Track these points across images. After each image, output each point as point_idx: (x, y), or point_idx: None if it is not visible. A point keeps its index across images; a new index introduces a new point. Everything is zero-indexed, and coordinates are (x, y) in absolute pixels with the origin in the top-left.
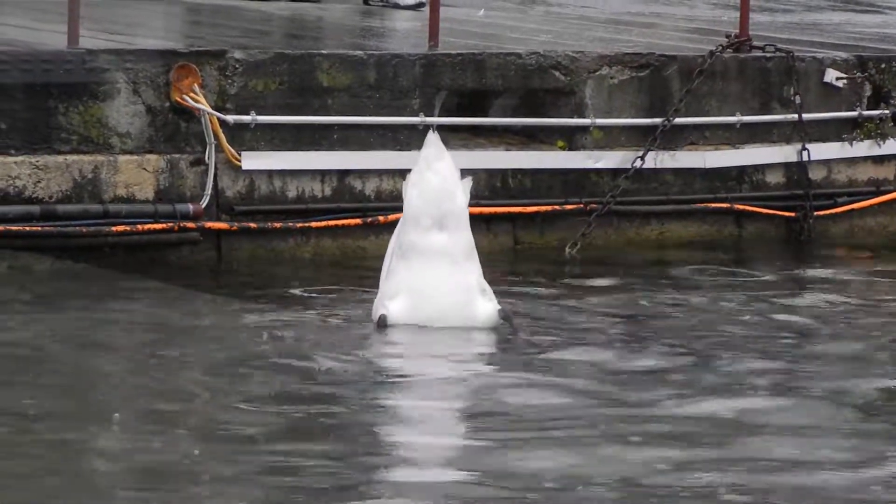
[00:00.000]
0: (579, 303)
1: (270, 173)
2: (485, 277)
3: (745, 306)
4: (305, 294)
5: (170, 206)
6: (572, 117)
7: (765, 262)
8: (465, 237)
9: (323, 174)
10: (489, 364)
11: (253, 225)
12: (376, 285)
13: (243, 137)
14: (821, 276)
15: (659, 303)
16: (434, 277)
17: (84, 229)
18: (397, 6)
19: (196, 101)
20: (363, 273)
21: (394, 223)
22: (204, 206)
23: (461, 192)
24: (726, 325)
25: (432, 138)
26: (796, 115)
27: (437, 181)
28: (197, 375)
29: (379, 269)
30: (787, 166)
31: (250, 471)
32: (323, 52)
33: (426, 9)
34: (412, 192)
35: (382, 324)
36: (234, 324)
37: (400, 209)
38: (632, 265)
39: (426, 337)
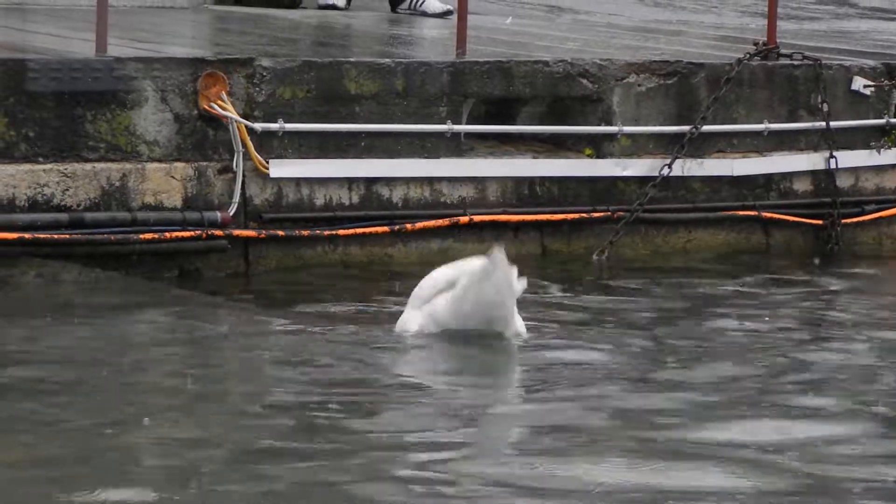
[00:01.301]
0: (605, 310)
1: (298, 181)
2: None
3: (773, 317)
4: (332, 302)
5: (198, 213)
6: (600, 125)
7: (792, 270)
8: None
9: (350, 182)
10: (513, 375)
11: (281, 233)
12: (403, 293)
13: (271, 145)
14: (849, 286)
15: (685, 312)
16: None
17: (112, 237)
18: (425, 14)
19: (224, 109)
20: (390, 281)
21: (421, 231)
22: (232, 213)
23: (512, 299)
24: (753, 335)
25: (499, 259)
26: (824, 123)
27: (492, 294)
28: (224, 383)
29: (406, 277)
30: (814, 174)
31: (266, 475)
32: (350, 59)
33: (454, 17)
34: (467, 296)
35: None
36: (262, 332)
37: (428, 217)
38: (659, 273)
39: (450, 348)
